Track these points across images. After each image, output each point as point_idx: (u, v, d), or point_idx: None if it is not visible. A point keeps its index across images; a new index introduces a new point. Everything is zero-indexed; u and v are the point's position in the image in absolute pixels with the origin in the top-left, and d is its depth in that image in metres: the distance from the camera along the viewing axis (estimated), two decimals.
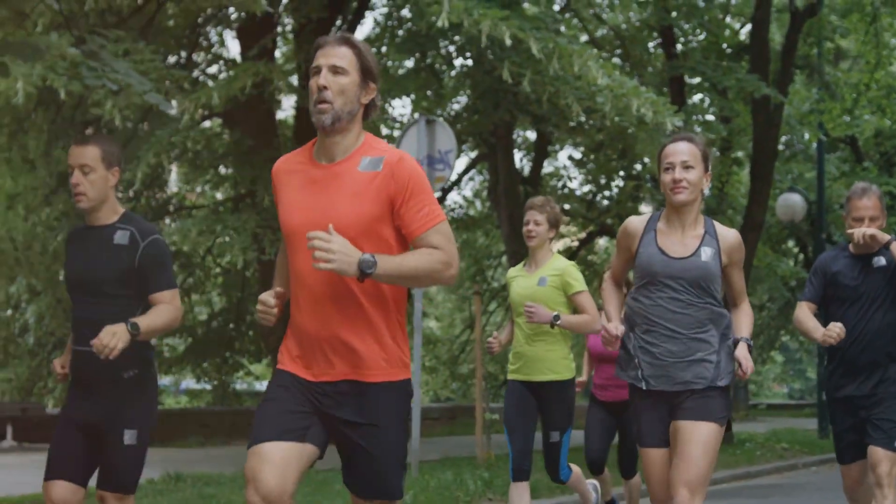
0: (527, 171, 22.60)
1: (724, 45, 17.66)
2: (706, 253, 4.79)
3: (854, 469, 6.06)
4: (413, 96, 19.55)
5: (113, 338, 4.45)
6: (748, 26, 22.46)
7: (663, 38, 17.50)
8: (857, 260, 5.93)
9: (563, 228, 25.94)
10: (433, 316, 27.24)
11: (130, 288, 4.71)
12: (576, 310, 6.52)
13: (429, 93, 14.75)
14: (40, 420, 16.43)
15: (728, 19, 20.62)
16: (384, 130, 16.69)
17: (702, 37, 17.59)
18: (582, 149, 19.45)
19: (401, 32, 14.76)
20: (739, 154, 19.26)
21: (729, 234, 4.90)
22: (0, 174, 12.67)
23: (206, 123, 16.13)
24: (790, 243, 29.03)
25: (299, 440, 3.65)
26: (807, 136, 21.54)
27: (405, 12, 14.58)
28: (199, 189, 19.70)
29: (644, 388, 4.89)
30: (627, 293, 5.21)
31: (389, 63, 18.94)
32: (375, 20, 17.92)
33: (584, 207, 21.92)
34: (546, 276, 6.55)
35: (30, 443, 15.93)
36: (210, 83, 13.56)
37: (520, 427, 6.53)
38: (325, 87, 3.68)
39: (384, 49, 16.07)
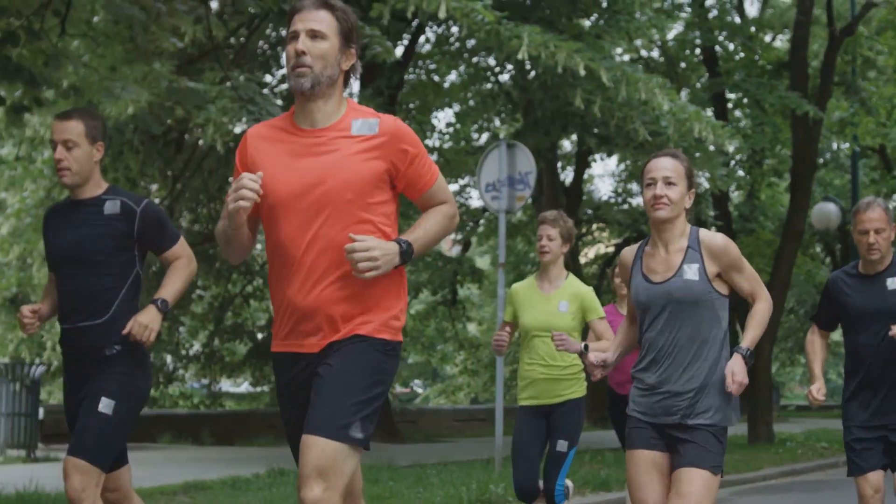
0: (568, 180, 23.54)
1: (762, 61, 18.53)
2: (690, 270, 4.55)
3: (873, 478, 5.71)
4: (458, 107, 20.57)
5: (146, 330, 4.55)
6: (781, 39, 23.37)
7: (705, 56, 18.36)
8: (865, 280, 5.80)
9: (600, 234, 26.83)
10: (476, 320, 28.09)
11: (122, 257, 4.67)
12: (594, 334, 6.45)
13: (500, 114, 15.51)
14: None
15: (768, 38, 21.51)
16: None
17: (740, 55, 18.45)
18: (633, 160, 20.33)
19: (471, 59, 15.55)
20: (767, 162, 20.09)
21: (713, 241, 4.61)
22: None
23: None
24: (818, 248, 29.81)
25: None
26: (840, 146, 22.41)
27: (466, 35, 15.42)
28: None
29: (636, 416, 4.68)
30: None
31: (436, 77, 19.91)
32: (427, 38, 18.81)
33: (628, 217, 22.77)
34: (565, 301, 6.40)
35: None
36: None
37: (526, 452, 6.39)
38: (303, 52, 3.54)
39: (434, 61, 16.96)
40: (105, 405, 4.53)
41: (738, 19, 19.67)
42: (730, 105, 19.50)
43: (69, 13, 8.76)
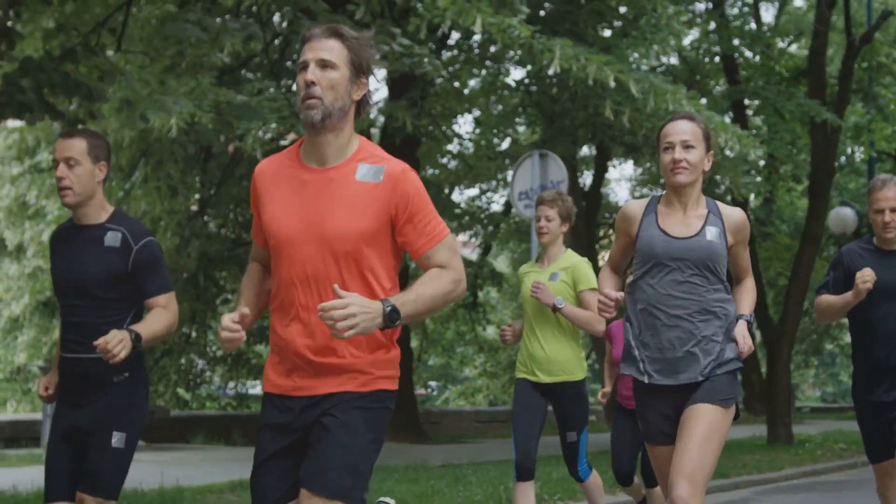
0: (586, 184, 23.87)
1: (780, 69, 18.85)
2: (711, 232, 4.53)
3: (886, 466, 5.73)
4: (478, 113, 20.90)
5: (119, 344, 4.29)
6: (796, 46, 23.69)
7: (725, 64, 18.71)
8: (883, 255, 5.69)
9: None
10: (495, 323, 28.42)
11: (122, 291, 4.53)
12: (581, 307, 6.39)
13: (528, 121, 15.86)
14: (165, 422, 17.80)
15: (782, 43, 21.83)
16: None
17: (756, 59, 18.77)
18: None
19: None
20: (784, 167, 20.38)
21: (734, 213, 4.64)
22: (150, 201, 13.99)
23: None
24: (832, 250, 30.09)
25: (296, 494, 3.49)
26: (856, 151, 22.69)
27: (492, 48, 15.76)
28: None
29: (647, 381, 4.60)
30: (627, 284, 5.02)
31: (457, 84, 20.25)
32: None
33: None
34: (558, 271, 6.41)
35: (156, 442, 17.27)
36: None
37: (526, 427, 6.39)
38: (313, 83, 3.43)
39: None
40: (118, 440, 4.48)
41: (753, 25, 20.01)
42: (749, 112, 19.85)
43: (125, 31, 9.13)
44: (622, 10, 14.31)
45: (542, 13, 12.75)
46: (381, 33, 7.80)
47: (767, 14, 25.54)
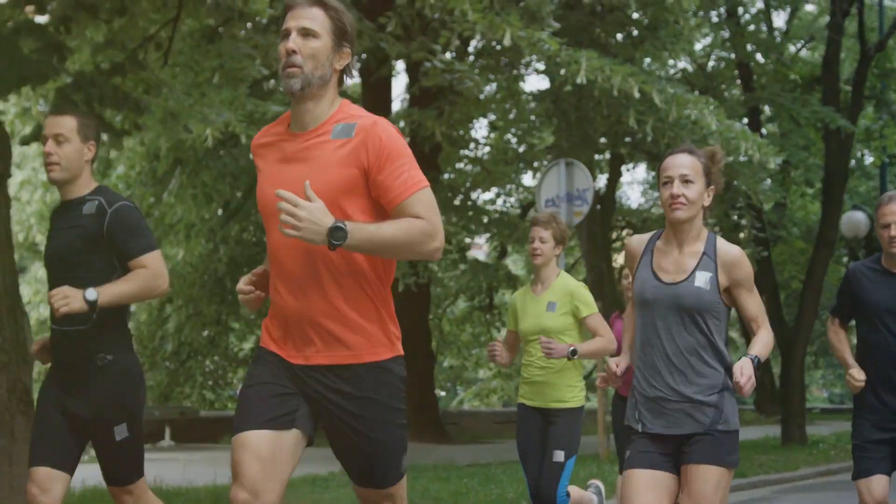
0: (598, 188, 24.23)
1: (794, 76, 19.17)
2: (702, 277, 4.35)
3: (878, 483, 5.51)
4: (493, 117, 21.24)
5: (63, 299, 4.32)
6: (808, 48, 23.98)
7: (740, 70, 19.04)
8: (889, 276, 5.62)
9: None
10: None
11: (99, 259, 4.52)
12: (588, 331, 6.32)
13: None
14: (194, 422, 18.19)
15: (794, 48, 22.13)
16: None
17: (770, 67, 19.10)
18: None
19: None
20: (795, 172, 20.71)
21: (730, 251, 4.41)
22: (185, 208, 14.35)
23: None
24: (843, 251, 30.39)
25: (287, 427, 3.42)
26: (865, 155, 22.99)
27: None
28: None
29: (640, 429, 4.43)
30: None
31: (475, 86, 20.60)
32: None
33: (659, 224, 23.42)
34: (555, 301, 6.26)
35: (185, 442, 17.66)
36: None
37: (533, 455, 6.33)
38: (293, 51, 3.39)
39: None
40: (120, 432, 4.50)
41: (764, 28, 20.32)
42: (763, 118, 20.16)
43: (171, 46, 9.49)
44: (638, 19, 14.61)
45: (554, 23, 13.04)
46: (422, 49, 8.10)
47: (779, 19, 25.84)
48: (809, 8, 24.60)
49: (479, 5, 10.65)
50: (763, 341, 4.41)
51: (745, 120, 18.25)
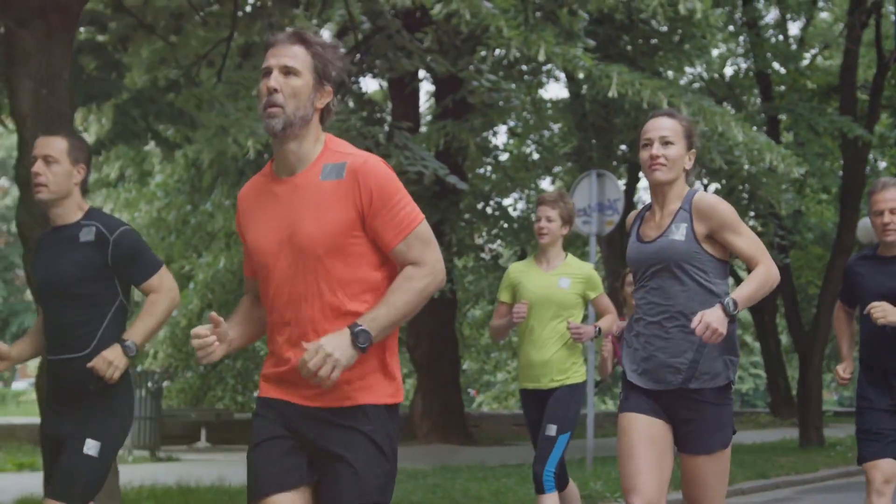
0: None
1: (811, 85, 19.54)
2: (678, 230, 4.33)
3: (886, 463, 5.53)
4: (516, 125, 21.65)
5: (109, 367, 4.33)
6: (821, 57, 24.36)
7: (759, 80, 19.43)
8: (882, 262, 5.67)
9: None
10: None
11: (102, 286, 4.46)
12: (597, 311, 6.40)
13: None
14: (229, 424, 18.61)
15: (808, 54, 22.50)
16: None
17: (787, 76, 19.49)
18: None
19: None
20: (811, 179, 21.07)
21: (703, 199, 4.38)
22: (227, 217, 14.75)
23: None
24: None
25: (298, 485, 3.34)
26: (878, 161, 23.36)
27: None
28: None
29: (631, 382, 4.49)
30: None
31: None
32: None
33: None
34: (569, 278, 6.22)
35: (221, 444, 18.07)
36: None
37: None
38: (275, 90, 3.30)
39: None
40: (90, 447, 4.38)
41: (780, 36, 20.71)
42: (781, 126, 20.52)
43: (225, 64, 9.91)
44: (665, 32, 15.01)
45: (590, 41, 13.47)
46: (467, 66, 8.48)
47: (794, 27, 26.21)
48: (824, 16, 24.96)
49: (514, 22, 11.07)
50: (753, 280, 4.31)
51: (765, 128, 18.65)
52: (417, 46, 9.25)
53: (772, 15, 20.90)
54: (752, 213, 16.65)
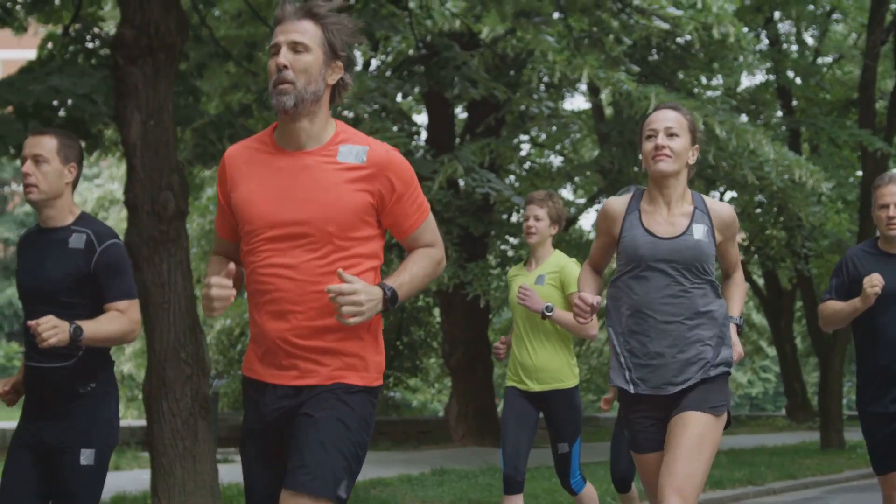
0: None
1: (830, 98, 20.14)
2: (698, 231, 4.26)
3: (892, 478, 5.45)
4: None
5: (51, 329, 4.03)
6: (838, 70, 24.92)
7: (780, 95, 20.04)
8: (887, 258, 5.46)
9: None
10: None
11: (86, 296, 4.27)
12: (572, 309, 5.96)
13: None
14: None
15: (822, 60, 23.05)
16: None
17: (807, 89, 20.09)
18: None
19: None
20: (826, 187, 21.64)
21: (722, 210, 4.39)
22: None
23: None
24: None
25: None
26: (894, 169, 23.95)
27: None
28: None
29: (633, 391, 4.32)
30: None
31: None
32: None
33: None
34: (545, 273, 6.09)
35: None
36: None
37: (515, 436, 6.07)
38: (285, 66, 3.26)
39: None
40: (86, 457, 4.24)
41: (795, 48, 21.24)
42: (804, 142, 21.07)
43: None
44: (696, 54, 15.68)
45: (635, 67, 14.10)
46: (527, 95, 9.08)
47: (809, 40, 26.73)
48: (838, 28, 25.49)
49: (559, 46, 11.72)
50: (740, 293, 4.55)
51: (786, 141, 19.27)
52: (483, 76, 9.88)
53: (785, 26, 21.45)
54: (780, 226, 17.26)
